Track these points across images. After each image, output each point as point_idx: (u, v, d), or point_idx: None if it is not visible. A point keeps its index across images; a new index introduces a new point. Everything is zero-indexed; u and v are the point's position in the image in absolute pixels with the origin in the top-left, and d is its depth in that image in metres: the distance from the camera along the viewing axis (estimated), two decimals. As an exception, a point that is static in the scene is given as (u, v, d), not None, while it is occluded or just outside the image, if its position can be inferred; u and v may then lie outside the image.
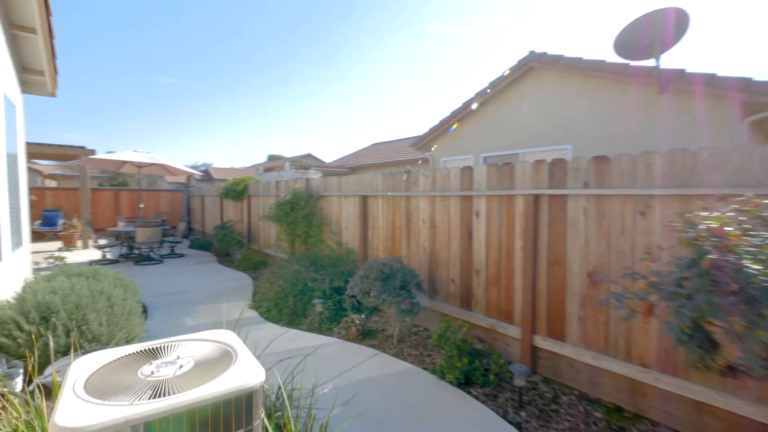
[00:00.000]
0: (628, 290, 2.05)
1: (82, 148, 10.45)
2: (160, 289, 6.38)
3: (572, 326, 3.24)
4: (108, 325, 3.42)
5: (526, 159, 3.64)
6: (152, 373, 1.51)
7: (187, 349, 1.74)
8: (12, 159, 4.38)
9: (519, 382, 2.96)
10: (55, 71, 4.95)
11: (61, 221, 12.82)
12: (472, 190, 4.02)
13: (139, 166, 9.53)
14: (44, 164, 27.06)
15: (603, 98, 6.52)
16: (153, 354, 1.67)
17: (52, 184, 27.47)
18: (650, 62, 5.32)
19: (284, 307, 4.96)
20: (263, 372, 1.55)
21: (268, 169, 24.28)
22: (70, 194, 13.84)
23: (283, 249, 7.60)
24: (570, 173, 3.22)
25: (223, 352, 1.72)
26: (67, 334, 3.15)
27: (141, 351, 1.68)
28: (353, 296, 4.29)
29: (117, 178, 44.98)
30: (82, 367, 1.55)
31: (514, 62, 7.67)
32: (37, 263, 6.87)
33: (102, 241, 10.84)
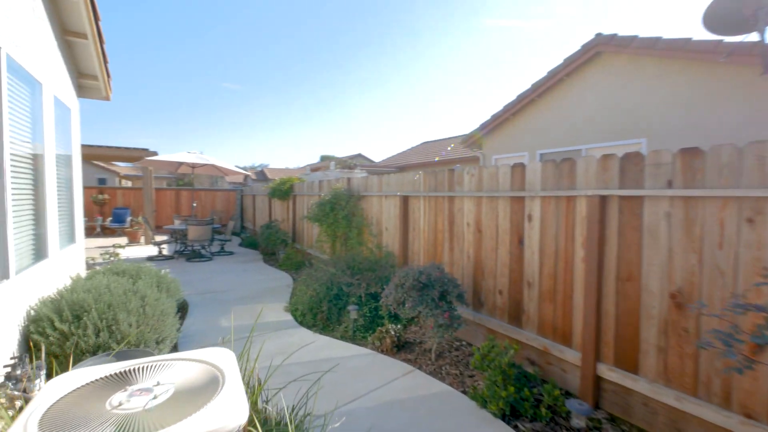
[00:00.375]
0: (739, 328, 1.50)
1: (145, 150, 11.15)
2: (203, 286, 6.49)
3: (648, 357, 2.64)
4: (138, 325, 3.39)
5: (590, 155, 3.07)
6: (121, 403, 1.28)
7: (172, 372, 1.50)
8: (65, 160, 4.60)
9: (578, 422, 2.44)
10: (108, 75, 5.16)
11: (129, 218, 13.89)
12: (523, 191, 3.51)
13: (193, 166, 9.95)
14: (122, 166, 29.85)
15: (687, 83, 5.60)
16: (131, 377, 1.45)
17: (128, 183, 30.23)
18: (751, 37, 4.40)
19: (318, 312, 4.75)
20: (247, 410, 1.27)
21: (315, 170, 24.72)
22: (138, 193, 14.94)
23: (324, 250, 7.47)
24: (648, 170, 2.63)
25: (209, 378, 1.46)
26: (97, 333, 3.14)
27: (119, 373, 1.47)
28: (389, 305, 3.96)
29: (184, 179, 48.79)
30: (52, 390, 1.36)
31: (576, 48, 6.89)
32: (93, 258, 7.35)
33: (161, 238, 11.51)
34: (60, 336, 3.07)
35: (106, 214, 14.40)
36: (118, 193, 14.70)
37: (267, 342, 4.13)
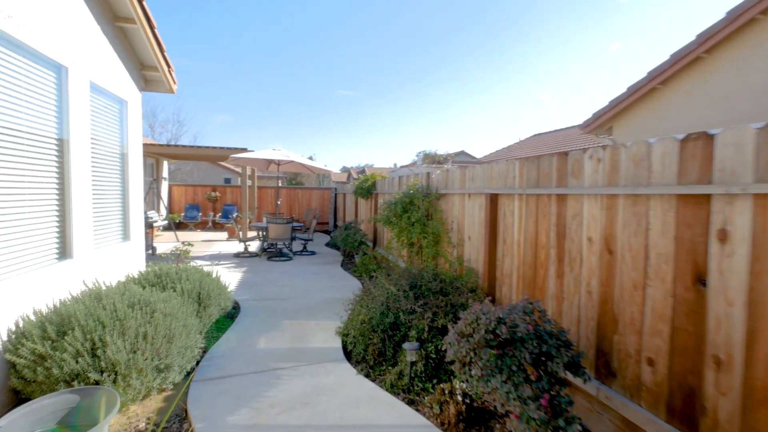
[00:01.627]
0: None
1: (230, 148, 11.51)
2: (266, 291, 5.97)
3: None
4: (133, 350, 2.73)
5: None
6: None
7: None
8: (113, 153, 4.36)
9: None
10: (168, 65, 4.89)
11: (234, 215, 14.88)
12: (710, 184, 1.87)
13: (278, 163, 9.83)
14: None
15: None
16: None
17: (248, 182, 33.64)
18: None
19: (370, 343, 3.66)
20: None
21: (407, 167, 23.78)
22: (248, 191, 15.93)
23: (402, 255, 6.38)
24: None
25: None
26: (77, 358, 2.55)
27: None
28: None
29: (296, 178, 52.97)
30: None
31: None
32: (162, 255, 7.45)
33: (253, 234, 11.81)
34: (36, 357, 2.54)
35: (218, 210, 15.68)
36: (227, 191, 15.89)
37: (296, 380, 3.20)
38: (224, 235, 13.23)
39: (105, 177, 4.16)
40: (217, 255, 9.23)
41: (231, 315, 4.78)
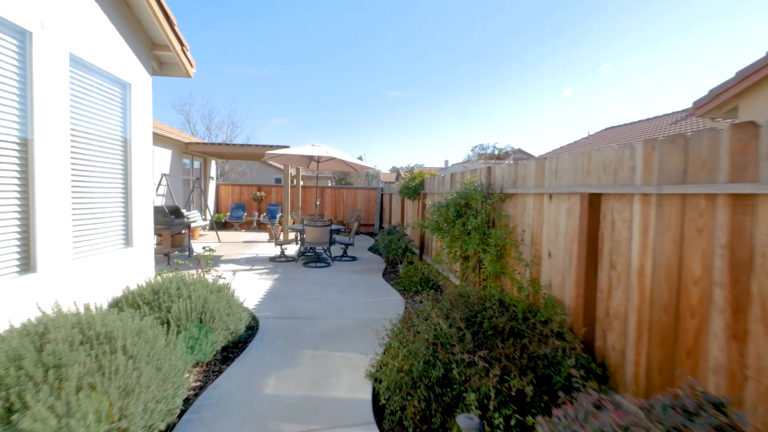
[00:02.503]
0: None
1: (264, 146, 10.94)
2: (293, 306, 5.14)
3: None
4: (69, 413, 1.93)
5: None
6: None
7: None
8: (112, 144, 3.72)
9: None
10: (181, 43, 4.21)
11: (279, 215, 14.52)
12: None
13: (318, 160, 9.10)
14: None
15: None
16: None
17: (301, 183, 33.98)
18: None
19: (410, 401, 2.62)
20: None
21: (460, 164, 22.21)
22: (290, 191, 15.57)
23: (454, 270, 5.29)
24: None
25: None
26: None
27: None
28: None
29: (345, 179, 53.09)
30: None
31: None
32: (179, 263, 6.91)
33: (292, 235, 11.23)
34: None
35: (263, 210, 15.45)
36: (272, 191, 15.61)
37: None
38: (267, 236, 12.85)
39: (96, 173, 3.52)
40: (254, 258, 8.67)
41: (246, 338, 3.97)
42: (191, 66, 4.58)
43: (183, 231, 8.76)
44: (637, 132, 15.04)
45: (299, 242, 8.66)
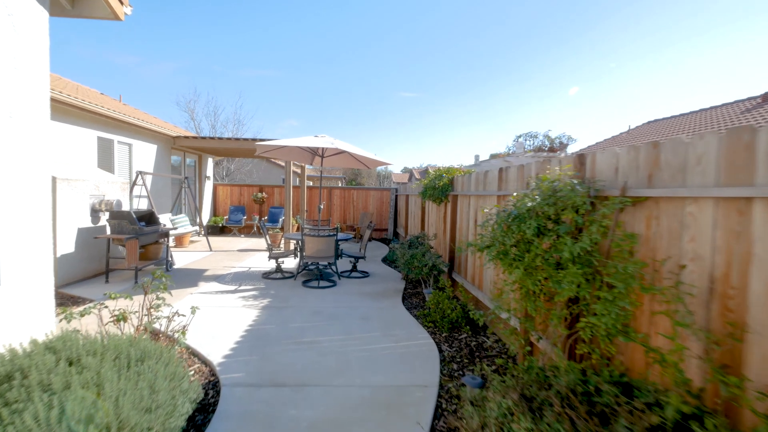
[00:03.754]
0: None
1: (252, 140, 9.39)
2: (276, 358, 3.54)
3: None
4: None
5: None
6: None
7: None
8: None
9: None
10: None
11: (281, 219, 12.98)
12: None
13: (322, 155, 7.51)
14: (308, 167, 32.35)
15: None
16: None
17: (309, 183, 32.49)
18: None
19: None
20: None
21: (495, 157, 20.32)
22: (296, 192, 14.05)
23: (509, 305, 3.61)
24: None
25: None
26: None
27: None
28: None
29: (356, 179, 51.40)
30: None
31: None
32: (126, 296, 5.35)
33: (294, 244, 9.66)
34: None
35: (264, 213, 13.97)
36: (275, 191, 14.11)
37: None
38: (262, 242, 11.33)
39: None
40: (244, 274, 7.11)
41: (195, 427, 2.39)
42: (120, 2, 3.03)
43: (159, 240, 7.27)
44: (682, 126, 13.15)
45: (298, 254, 7.07)
